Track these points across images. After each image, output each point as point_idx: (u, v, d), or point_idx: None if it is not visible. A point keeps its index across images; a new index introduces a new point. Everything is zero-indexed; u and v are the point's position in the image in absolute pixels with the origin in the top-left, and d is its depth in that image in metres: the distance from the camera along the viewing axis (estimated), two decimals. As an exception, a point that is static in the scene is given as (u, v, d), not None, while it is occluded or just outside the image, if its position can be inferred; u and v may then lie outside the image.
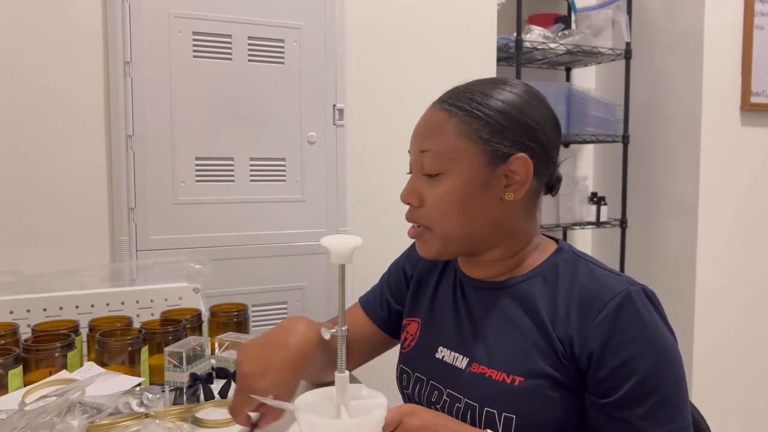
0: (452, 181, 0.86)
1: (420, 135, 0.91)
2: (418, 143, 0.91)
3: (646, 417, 0.77)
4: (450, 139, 0.86)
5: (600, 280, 0.83)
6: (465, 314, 0.94)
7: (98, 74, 1.67)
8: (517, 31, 2.29)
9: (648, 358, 0.77)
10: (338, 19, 1.85)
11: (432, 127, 0.89)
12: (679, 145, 2.43)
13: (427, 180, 0.88)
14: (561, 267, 0.88)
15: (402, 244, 1.13)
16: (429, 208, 0.88)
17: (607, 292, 0.81)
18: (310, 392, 0.73)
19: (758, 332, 2.51)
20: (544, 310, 0.85)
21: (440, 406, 0.91)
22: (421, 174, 0.89)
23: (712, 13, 2.31)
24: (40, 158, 1.64)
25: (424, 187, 0.89)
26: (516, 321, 0.87)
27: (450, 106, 0.89)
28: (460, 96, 0.90)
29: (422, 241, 0.91)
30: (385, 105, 2.05)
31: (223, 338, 1.20)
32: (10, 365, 1.04)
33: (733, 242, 2.43)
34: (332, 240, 0.71)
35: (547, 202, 2.51)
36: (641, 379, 0.77)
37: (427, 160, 0.88)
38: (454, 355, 0.92)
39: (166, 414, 0.98)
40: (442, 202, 0.87)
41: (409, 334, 1.03)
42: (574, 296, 0.83)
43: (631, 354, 0.77)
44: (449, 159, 0.86)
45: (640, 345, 0.78)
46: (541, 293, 0.87)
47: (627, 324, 0.78)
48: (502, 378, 0.84)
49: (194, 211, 1.73)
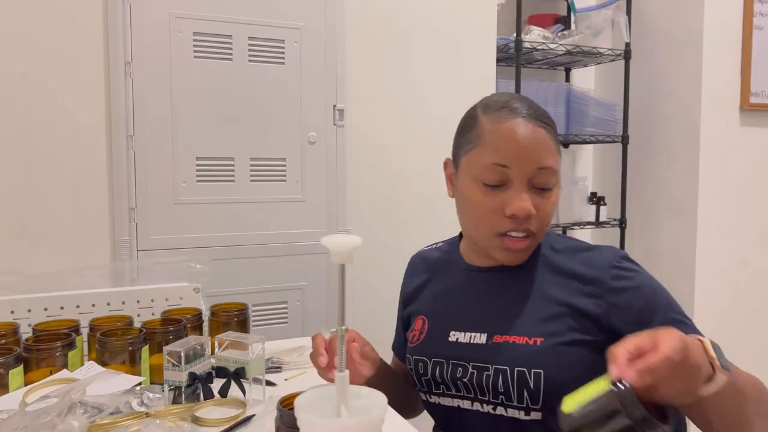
0: (557, 190, 0.98)
1: (537, 152, 0.95)
2: (532, 160, 0.94)
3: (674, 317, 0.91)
4: (557, 157, 0.97)
5: (593, 250, 0.99)
6: (473, 298, 1.02)
7: (98, 74, 1.67)
8: (517, 31, 2.30)
9: (650, 290, 0.94)
10: (338, 19, 1.86)
11: (544, 145, 0.95)
12: (678, 145, 2.43)
13: (537, 192, 0.96)
14: (556, 245, 1.01)
15: (402, 244, 1.14)
16: (543, 216, 0.96)
17: (605, 259, 0.96)
18: (310, 392, 0.73)
19: (758, 332, 2.51)
20: (553, 281, 0.97)
21: (467, 379, 0.97)
22: (529, 186, 0.95)
23: (711, 14, 2.32)
24: (41, 158, 1.64)
25: (536, 199, 0.96)
26: (527, 294, 0.97)
27: (543, 124, 0.96)
28: (539, 111, 0.98)
29: (525, 251, 0.98)
30: (385, 105, 2.05)
31: (223, 338, 1.20)
32: (10, 365, 1.04)
33: (732, 241, 2.43)
34: (332, 240, 0.71)
35: (547, 202, 2.51)
36: (661, 311, 0.92)
37: (546, 176, 0.95)
38: (469, 335, 0.99)
39: (167, 413, 0.98)
40: (552, 211, 0.98)
41: (416, 329, 1.08)
42: (579, 266, 0.96)
43: (647, 293, 0.93)
44: (557, 174, 0.98)
45: (649, 286, 0.94)
46: (547, 267, 0.99)
47: (627, 276, 0.94)
48: (524, 341, 0.93)
49: (195, 211, 1.73)
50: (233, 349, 1.12)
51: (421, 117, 2.07)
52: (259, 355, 1.10)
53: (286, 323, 1.85)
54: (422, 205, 2.07)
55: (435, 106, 2.07)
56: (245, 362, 1.08)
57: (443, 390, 1.01)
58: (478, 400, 0.97)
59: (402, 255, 1.30)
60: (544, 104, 2.40)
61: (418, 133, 2.07)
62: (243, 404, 1.06)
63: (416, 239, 1.41)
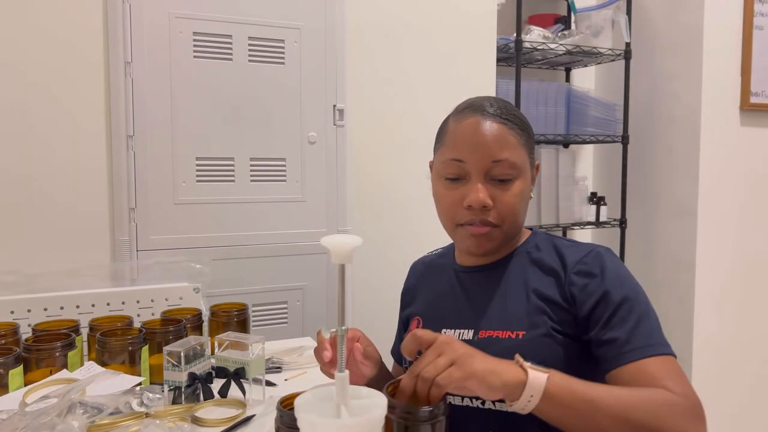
0: (521, 183, 1.00)
1: (487, 146, 0.98)
2: (486, 153, 0.98)
3: (630, 331, 0.89)
4: (517, 149, 1.00)
5: (574, 246, 1.02)
6: (463, 297, 1.06)
7: (98, 74, 1.67)
8: (517, 31, 2.29)
9: (620, 290, 0.92)
10: (338, 19, 1.86)
11: (500, 139, 0.99)
12: (678, 145, 2.43)
13: (496, 184, 0.99)
14: (540, 243, 1.05)
15: (401, 243, 1.14)
16: (503, 208, 0.99)
17: (581, 253, 0.99)
18: (310, 392, 0.73)
19: (758, 332, 2.51)
20: (535, 277, 1.00)
21: None
22: (487, 179, 0.99)
23: (711, 14, 2.31)
24: (41, 158, 1.64)
25: (494, 191, 0.99)
26: (511, 290, 1.01)
27: (504, 120, 0.99)
28: (503, 109, 1.01)
29: (488, 238, 1.01)
30: (385, 105, 2.05)
31: (223, 338, 1.20)
32: (10, 365, 1.04)
33: (732, 242, 2.43)
34: (332, 240, 0.71)
35: (547, 202, 2.52)
36: (617, 305, 0.91)
37: (502, 168, 0.98)
38: (458, 332, 1.02)
39: (167, 414, 0.98)
40: (515, 202, 1.00)
41: (411, 329, 1.09)
42: (557, 262, 0.99)
43: (609, 287, 0.93)
44: (518, 167, 0.99)
45: (611, 281, 0.93)
46: (527, 264, 1.02)
47: (598, 270, 0.95)
48: (507, 335, 0.96)
49: (195, 211, 1.73)
50: (233, 349, 1.12)
51: (420, 117, 2.07)
52: (259, 355, 1.10)
53: (286, 323, 1.85)
54: (422, 205, 2.06)
55: (435, 105, 2.07)
56: (245, 362, 1.08)
57: None
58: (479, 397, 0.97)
59: (401, 255, 1.30)
60: (544, 104, 2.44)
61: (417, 132, 2.06)
62: (243, 404, 1.06)
63: (416, 239, 1.41)
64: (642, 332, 0.89)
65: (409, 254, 1.26)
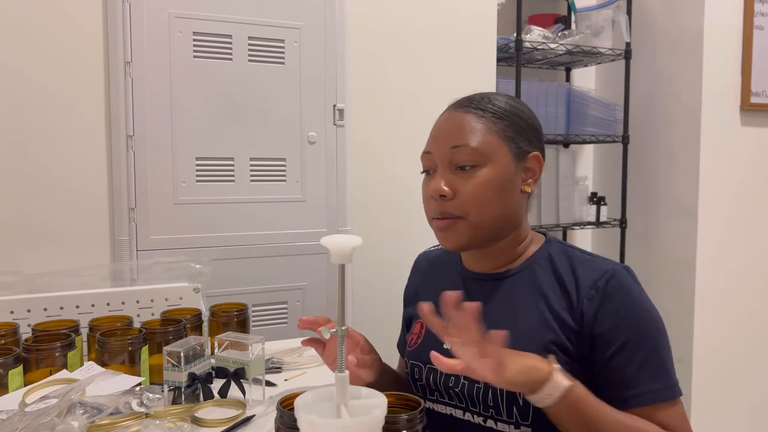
0: (488, 171, 0.94)
1: (448, 134, 0.97)
2: (446, 141, 0.96)
3: (637, 370, 0.87)
4: (483, 136, 0.94)
5: (590, 264, 0.95)
6: None
7: (98, 74, 1.67)
8: (517, 31, 2.29)
9: (631, 321, 0.89)
10: (338, 19, 1.85)
11: (461, 126, 0.96)
12: (678, 145, 2.43)
13: (460, 173, 0.94)
14: (554, 255, 0.98)
15: (402, 243, 1.13)
16: (465, 197, 0.94)
17: (597, 274, 0.92)
18: (310, 392, 0.73)
19: (758, 332, 2.51)
20: (546, 296, 0.94)
21: (459, 389, 0.96)
22: (451, 168, 0.95)
23: (712, 14, 2.31)
24: (41, 158, 1.64)
25: (456, 180, 0.95)
26: (519, 304, 0.96)
27: (475, 109, 0.96)
28: (477, 102, 0.98)
29: (453, 231, 0.96)
30: (385, 105, 2.05)
31: (223, 338, 1.20)
32: (10, 365, 1.04)
33: (732, 242, 2.43)
34: (332, 240, 0.71)
35: (547, 202, 2.52)
36: (627, 338, 0.88)
37: (462, 154, 0.94)
38: None
39: (166, 414, 0.98)
40: (480, 191, 0.93)
41: (414, 333, 1.08)
42: (569, 278, 0.94)
43: (620, 318, 0.89)
44: (484, 153, 0.94)
45: (626, 311, 0.90)
46: (540, 278, 0.96)
47: (612, 295, 0.90)
48: None
49: (194, 211, 1.73)
50: (233, 349, 1.12)
51: (421, 117, 2.06)
52: (258, 356, 1.10)
53: (286, 323, 1.85)
54: (422, 205, 2.06)
55: (435, 105, 2.06)
56: (245, 362, 1.08)
57: (437, 397, 1.01)
58: (469, 410, 0.96)
59: (402, 255, 1.30)
60: (544, 104, 2.44)
61: (418, 132, 2.06)
62: (243, 404, 1.05)
63: (416, 239, 1.40)
64: (650, 372, 0.87)
65: (410, 254, 1.26)
